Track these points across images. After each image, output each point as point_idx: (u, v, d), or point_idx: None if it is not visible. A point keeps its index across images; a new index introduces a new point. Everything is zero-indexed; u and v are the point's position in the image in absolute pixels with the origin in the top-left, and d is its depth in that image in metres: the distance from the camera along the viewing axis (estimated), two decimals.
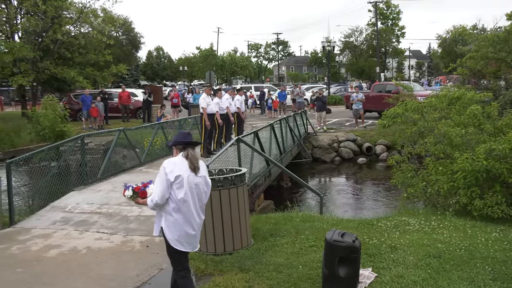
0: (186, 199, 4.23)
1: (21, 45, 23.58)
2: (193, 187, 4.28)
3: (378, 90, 25.66)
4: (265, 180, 11.33)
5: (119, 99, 25.41)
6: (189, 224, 4.28)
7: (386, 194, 14.31)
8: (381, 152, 19.82)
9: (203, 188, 4.38)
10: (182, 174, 4.23)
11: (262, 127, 12.62)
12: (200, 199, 4.36)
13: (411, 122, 10.50)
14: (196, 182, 4.31)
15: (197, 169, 4.31)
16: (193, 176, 4.29)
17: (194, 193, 4.30)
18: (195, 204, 4.30)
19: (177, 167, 4.25)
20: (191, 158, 4.32)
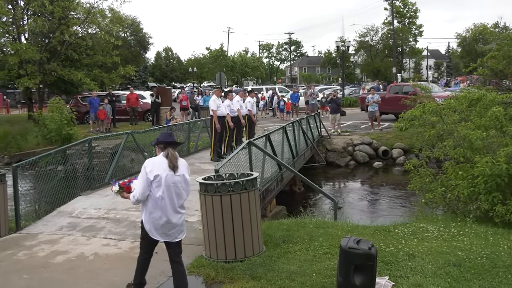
0: (163, 196, 4.81)
1: (27, 46, 23.89)
2: (171, 186, 4.83)
3: (394, 92, 25.53)
4: (277, 185, 11.32)
5: (127, 102, 25.59)
6: (166, 219, 4.87)
7: (403, 200, 14.22)
8: (398, 156, 19.72)
9: (181, 186, 4.91)
10: (160, 174, 4.80)
11: (274, 130, 12.62)
12: (178, 195, 4.90)
13: (429, 124, 10.43)
14: (174, 180, 4.85)
15: (176, 168, 4.85)
16: (172, 175, 4.84)
17: (172, 191, 4.85)
18: (172, 201, 4.86)
19: (156, 166, 4.82)
20: (171, 157, 4.85)
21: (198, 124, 18.07)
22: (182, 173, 4.93)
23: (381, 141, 20.50)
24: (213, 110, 13.42)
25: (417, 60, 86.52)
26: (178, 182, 4.88)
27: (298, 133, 15.90)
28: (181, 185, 4.91)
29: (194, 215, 8.29)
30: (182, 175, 4.93)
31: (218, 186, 6.06)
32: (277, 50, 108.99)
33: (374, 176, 18.49)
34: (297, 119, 17.70)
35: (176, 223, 4.95)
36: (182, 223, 5.04)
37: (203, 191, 6.16)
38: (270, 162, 10.89)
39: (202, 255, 6.32)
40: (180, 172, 4.89)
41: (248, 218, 6.18)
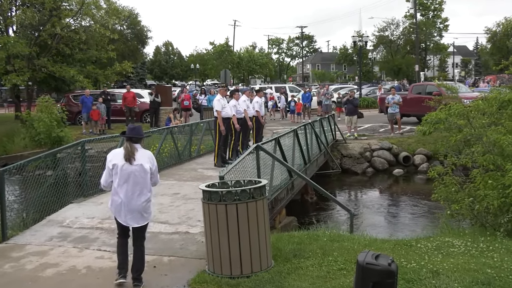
0: (120, 183, 5.87)
1: (15, 40, 24.09)
2: (128, 174, 5.84)
3: (417, 92, 25.47)
4: (287, 194, 11.33)
5: (123, 101, 25.73)
6: (124, 203, 5.90)
7: (426, 211, 14.17)
8: (421, 162, 19.68)
9: (140, 175, 5.88)
10: (117, 163, 5.87)
11: (284, 133, 12.64)
12: (136, 183, 5.87)
13: (456, 128, 10.39)
14: (132, 169, 5.85)
15: (131, 159, 5.83)
16: (128, 165, 5.84)
17: (130, 179, 5.86)
18: (130, 187, 5.86)
19: (115, 157, 5.94)
20: (126, 149, 5.86)
21: (201, 126, 18.12)
22: (140, 163, 5.88)
23: (402, 146, 20.46)
24: (218, 111, 13.47)
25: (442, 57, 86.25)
26: (136, 171, 5.87)
27: (310, 136, 15.91)
28: (139, 174, 5.88)
29: (197, 225, 8.32)
30: (140, 164, 5.87)
31: (223, 194, 6.07)
32: (288, 45, 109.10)
33: (394, 185, 18.44)
34: (310, 121, 17.71)
35: (133, 208, 5.91)
36: (142, 210, 5.96)
37: (206, 199, 6.18)
38: (280, 169, 10.89)
39: (205, 270, 6.33)
40: (137, 162, 5.86)
41: (256, 229, 6.19)
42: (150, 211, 6.11)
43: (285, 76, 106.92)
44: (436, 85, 23.87)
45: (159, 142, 14.67)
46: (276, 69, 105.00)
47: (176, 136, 15.89)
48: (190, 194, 10.62)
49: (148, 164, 5.95)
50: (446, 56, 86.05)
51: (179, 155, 15.44)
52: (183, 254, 7.12)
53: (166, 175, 13.14)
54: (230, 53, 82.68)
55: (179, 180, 12.56)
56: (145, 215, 6.01)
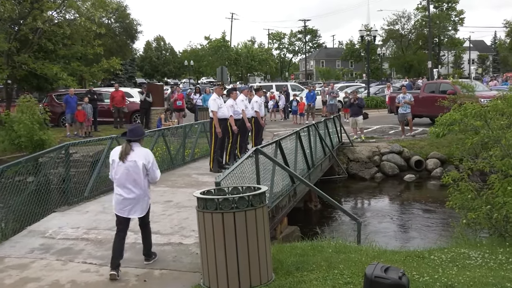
0: (117, 177, 7.08)
1: None
2: (123, 169, 7.00)
3: (430, 90, 25.52)
4: (289, 201, 11.34)
5: (111, 101, 25.75)
6: (121, 196, 7.07)
7: (440, 220, 14.18)
8: (434, 167, 19.71)
9: (133, 170, 6.99)
10: (115, 160, 7.09)
11: (286, 136, 12.65)
12: (130, 177, 7.00)
13: (472, 130, 10.40)
14: (126, 166, 7.00)
15: (123, 157, 6.99)
16: (122, 162, 7.01)
17: (124, 174, 7.01)
18: (125, 181, 7.02)
19: (114, 153, 7.18)
20: (122, 148, 7.10)
21: (196, 128, 18.13)
22: (134, 160, 6.99)
23: (414, 150, 20.48)
24: (213, 111, 13.49)
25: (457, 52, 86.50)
26: (130, 167, 6.99)
27: (314, 139, 15.93)
28: (133, 169, 6.99)
29: (191, 236, 8.32)
30: (134, 161, 6.98)
31: (220, 201, 6.07)
32: (290, 40, 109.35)
33: (405, 191, 18.45)
34: (313, 122, 17.73)
35: (129, 199, 7.05)
36: (137, 202, 7.09)
37: (201, 207, 6.18)
38: (281, 174, 10.90)
39: (200, 284, 6.34)
40: (131, 159, 6.99)
41: (255, 240, 6.19)
42: (148, 205, 7.27)
43: (286, 73, 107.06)
44: (450, 83, 23.97)
45: (150, 145, 14.65)
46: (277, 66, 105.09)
47: (169, 139, 15.90)
48: (184, 201, 10.62)
49: (141, 161, 7.00)
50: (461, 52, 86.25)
51: (172, 159, 15.45)
52: (176, 267, 7.12)
53: (157, 182, 13.13)
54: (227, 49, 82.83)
55: (171, 186, 12.56)
56: (144, 205, 7.18)
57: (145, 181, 7.11)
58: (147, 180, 7.16)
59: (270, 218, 9.21)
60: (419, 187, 18.99)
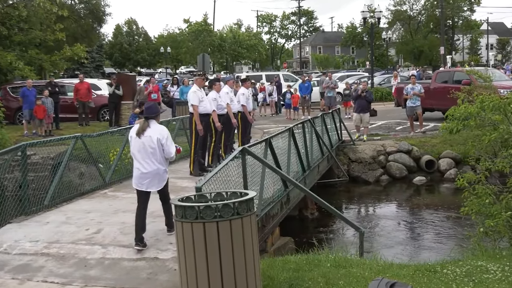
0: (134, 152, 8.70)
1: None
2: (139, 145, 8.59)
3: (442, 80, 25.65)
4: (281, 209, 11.34)
5: (75, 94, 25.59)
6: (139, 170, 8.65)
7: (454, 229, 14.25)
8: (447, 168, 19.79)
9: (149, 145, 8.54)
10: (132, 136, 8.73)
11: (278, 133, 12.65)
12: (147, 153, 8.57)
13: (490, 125, 10.47)
14: (142, 141, 8.57)
15: (140, 133, 8.57)
16: (139, 138, 8.58)
17: (141, 149, 8.58)
18: (142, 155, 8.60)
19: (133, 130, 8.83)
20: (140, 124, 8.70)
21: (173, 125, 18.09)
22: (149, 135, 8.54)
23: (424, 148, 20.56)
24: (194, 105, 13.46)
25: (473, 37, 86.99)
26: (146, 142, 8.55)
27: (310, 137, 15.95)
28: (148, 144, 8.54)
29: (168, 250, 8.32)
30: (149, 136, 8.53)
31: (201, 209, 6.06)
32: (282, 23, 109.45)
33: (415, 196, 18.53)
34: (309, 118, 17.74)
35: (146, 173, 8.59)
36: (154, 176, 8.64)
37: (179, 216, 6.16)
38: (272, 177, 10.90)
39: None
40: (146, 134, 8.54)
41: (242, 254, 6.19)
42: (166, 177, 8.85)
43: (278, 61, 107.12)
44: (465, 72, 24.09)
45: (121, 145, 14.61)
46: (268, 53, 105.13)
47: None
48: (159, 210, 10.53)
49: (156, 136, 8.55)
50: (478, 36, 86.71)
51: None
52: (151, 286, 7.11)
53: (129, 187, 13.07)
54: (209, 34, 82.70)
55: None
56: (161, 179, 8.73)
57: (161, 155, 8.62)
58: (163, 156, 8.65)
59: (259, 228, 9.20)
60: (430, 191, 19.06)
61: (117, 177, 13.92)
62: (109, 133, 15.57)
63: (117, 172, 14.01)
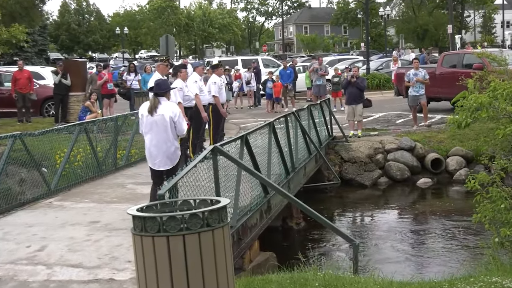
0: (146, 131, 10.11)
1: None
2: (151, 123, 9.96)
3: (451, 64, 25.81)
4: (261, 218, 11.34)
5: (13, 84, 25.40)
6: (149, 149, 10.19)
7: (464, 239, 14.32)
8: (457, 168, 19.86)
9: (162, 124, 9.88)
10: (143, 114, 10.13)
11: (256, 129, 12.65)
12: (159, 131, 9.92)
13: (505, 117, 10.56)
14: (154, 119, 9.90)
15: (152, 111, 9.89)
16: (150, 116, 9.93)
17: (153, 128, 9.96)
18: (153, 135, 9.99)
19: (142, 108, 10.28)
20: (150, 102, 10.08)
21: (132, 121, 18.02)
22: (161, 113, 9.85)
23: (430, 145, 20.64)
24: None
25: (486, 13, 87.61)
26: (158, 120, 9.89)
27: (295, 133, 15.97)
28: (161, 123, 9.87)
29: (126, 269, 8.29)
30: (161, 115, 9.85)
31: (164, 221, 6.04)
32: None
33: (419, 201, 18.62)
34: (294, 110, 17.75)
35: (157, 153, 10.08)
36: (166, 154, 10.06)
37: (138, 229, 6.13)
38: (250, 182, 10.89)
39: None
40: (159, 112, 9.85)
41: (213, 273, 6.19)
42: (177, 155, 10.26)
43: (257, 44, 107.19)
44: (476, 55, 24.23)
45: (69, 145, 14.53)
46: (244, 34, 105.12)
47: (95, 136, 15.76)
48: (116, 222, 10.57)
49: (168, 114, 9.86)
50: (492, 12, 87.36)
51: (99, 164, 15.33)
52: None
53: (79, 195, 13.06)
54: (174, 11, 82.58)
55: (99, 201, 12.50)
56: (172, 158, 10.12)
57: (173, 133, 9.97)
58: (175, 133, 10.02)
59: (234, 242, 9.20)
60: (437, 195, 19.16)
61: (65, 184, 13.83)
62: (54, 131, 15.45)
63: (64, 178, 13.92)
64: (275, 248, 12.10)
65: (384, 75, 38.13)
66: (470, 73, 18.42)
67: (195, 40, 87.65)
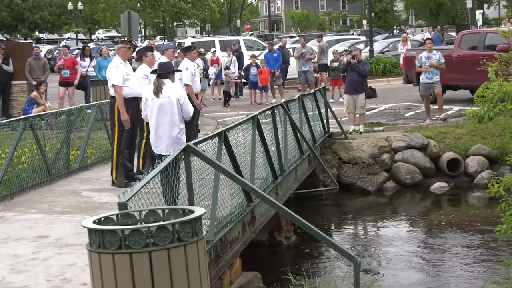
0: (151, 114, 11.45)
1: None
2: (157, 106, 11.29)
3: (470, 46, 25.87)
4: (243, 232, 11.37)
5: None
6: (154, 132, 11.56)
7: (487, 254, 14.34)
8: (478, 169, 19.88)
9: (168, 106, 11.28)
10: (147, 97, 11.44)
11: (237, 124, 12.65)
12: (165, 114, 11.30)
13: None
14: (160, 102, 11.28)
15: (158, 92, 11.20)
16: (156, 98, 11.27)
17: (159, 111, 11.29)
18: (158, 118, 11.37)
19: (146, 91, 11.61)
20: (154, 84, 11.36)
21: (88, 114, 17.98)
22: (167, 96, 11.25)
23: (446, 143, 20.70)
24: (116, 85, 13.40)
25: None
26: (164, 103, 11.28)
27: (284, 128, 16.00)
28: (168, 105, 11.28)
29: None
30: (168, 97, 11.26)
31: (126, 235, 6.05)
32: None
33: (433, 210, 18.66)
34: (283, 101, 17.75)
35: (161, 136, 11.43)
36: (171, 138, 11.38)
37: (95, 245, 6.15)
38: (230, 187, 10.92)
39: None
40: (164, 95, 11.24)
41: None
42: (183, 139, 11.40)
43: (238, 21, 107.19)
44: (501, 34, 24.32)
45: (12, 144, 14.48)
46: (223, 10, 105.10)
47: (43, 133, 15.72)
48: (68, 237, 10.56)
49: (175, 96, 11.33)
50: None
51: (48, 167, 15.29)
52: None
53: (24, 204, 13.00)
54: None
55: (48, 212, 12.46)
56: (178, 142, 11.12)
57: (179, 116, 11.40)
58: (182, 116, 11.46)
59: (211, 260, 9.22)
60: (454, 202, 19.22)
61: (7, 191, 13.77)
62: None
63: (6, 184, 13.87)
64: (260, 267, 12.13)
65: (390, 58, 38.07)
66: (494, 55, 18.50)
67: (163, 18, 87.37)
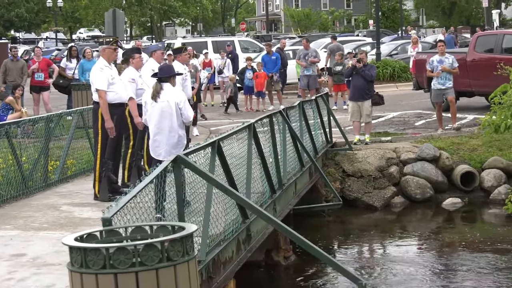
0: (150, 119, 12.12)
1: None
2: (157, 111, 11.85)
3: (486, 48, 25.89)
4: (238, 251, 11.37)
5: None
6: (153, 136, 12.12)
7: (505, 278, 14.38)
8: (494, 184, 19.87)
9: (167, 111, 11.76)
10: (146, 101, 12.12)
11: (231, 132, 12.66)
12: (165, 119, 11.83)
13: None
14: (159, 106, 11.80)
15: (156, 97, 11.74)
16: (155, 103, 11.83)
17: (157, 115, 11.86)
18: (157, 122, 11.93)
19: (145, 95, 12.29)
20: (153, 88, 11.96)
21: (68, 121, 17.98)
22: (166, 100, 11.77)
23: (460, 155, 20.69)
24: (100, 90, 13.42)
25: None
26: (164, 107, 11.79)
27: (282, 138, 15.99)
28: (167, 110, 11.77)
29: None
30: (166, 101, 11.77)
31: (111, 253, 6.06)
32: None
33: (445, 228, 18.66)
34: (281, 108, 17.76)
35: (160, 141, 11.96)
36: (171, 143, 11.92)
37: (77, 265, 6.15)
38: (224, 202, 10.92)
39: None
40: (163, 99, 11.75)
41: None
42: (183, 144, 12.16)
43: (233, 21, 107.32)
44: None
45: None
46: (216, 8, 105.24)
47: (19, 141, 15.71)
48: (47, 255, 10.54)
49: (174, 100, 11.82)
50: None
51: (25, 179, 15.28)
52: None
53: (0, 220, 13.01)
54: None
55: (24, 228, 12.43)
56: (177, 147, 11.79)
57: (178, 121, 11.94)
58: (181, 121, 12.00)
59: (203, 282, 9.22)
60: (469, 219, 19.20)
61: None
62: None
63: None
64: None
65: (399, 62, 38.09)
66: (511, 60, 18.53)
67: (151, 16, 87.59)
